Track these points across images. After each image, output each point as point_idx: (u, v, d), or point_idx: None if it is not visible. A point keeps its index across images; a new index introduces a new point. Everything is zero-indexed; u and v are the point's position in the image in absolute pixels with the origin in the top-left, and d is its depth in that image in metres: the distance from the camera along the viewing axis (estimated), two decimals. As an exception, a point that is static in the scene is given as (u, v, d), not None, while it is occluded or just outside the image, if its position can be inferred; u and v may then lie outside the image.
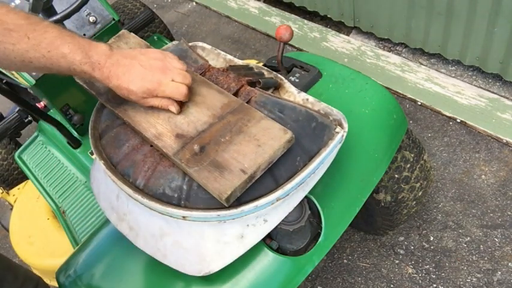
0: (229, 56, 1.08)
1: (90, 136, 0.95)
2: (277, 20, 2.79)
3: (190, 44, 1.12)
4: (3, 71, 1.52)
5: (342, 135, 0.86)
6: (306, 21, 2.71)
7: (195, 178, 0.80)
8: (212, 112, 0.89)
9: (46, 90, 1.44)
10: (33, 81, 1.35)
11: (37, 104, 1.68)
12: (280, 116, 0.89)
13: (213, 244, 0.83)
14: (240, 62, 1.06)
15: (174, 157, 0.82)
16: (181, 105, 0.91)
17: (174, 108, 0.87)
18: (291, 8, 2.82)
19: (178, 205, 0.81)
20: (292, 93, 0.98)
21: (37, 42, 0.75)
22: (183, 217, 0.80)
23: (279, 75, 1.01)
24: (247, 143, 0.82)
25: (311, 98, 0.94)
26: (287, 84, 0.99)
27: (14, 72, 1.40)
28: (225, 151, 0.81)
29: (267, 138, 0.81)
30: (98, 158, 0.90)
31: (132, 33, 1.11)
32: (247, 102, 0.93)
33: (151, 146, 0.89)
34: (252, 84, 0.97)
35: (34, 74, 1.36)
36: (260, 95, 0.94)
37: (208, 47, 1.12)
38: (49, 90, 1.45)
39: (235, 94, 0.95)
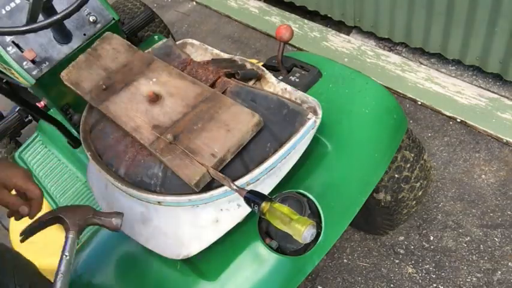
0: (216, 51, 1.13)
1: (80, 130, 1.01)
2: (277, 20, 2.79)
3: (180, 41, 1.18)
4: (3, 70, 1.52)
5: (315, 121, 0.88)
6: (306, 20, 2.71)
7: (169, 166, 0.84)
8: (186, 102, 0.93)
9: (46, 89, 1.44)
10: (33, 81, 1.35)
11: (37, 104, 1.68)
12: (252, 105, 0.93)
13: (189, 228, 0.86)
14: (225, 56, 1.10)
15: (150, 147, 0.88)
16: (158, 98, 0.95)
17: (24, 209, 0.83)
18: (291, 8, 2.81)
19: (154, 191, 0.86)
20: (272, 84, 1.01)
21: None
22: (158, 202, 0.84)
23: (261, 67, 1.04)
24: (217, 128, 0.86)
25: (289, 87, 0.97)
26: (268, 75, 1.03)
27: (14, 72, 1.39)
28: (197, 138, 0.86)
29: (235, 123, 0.86)
30: (86, 150, 0.96)
31: (115, 35, 1.15)
32: (223, 92, 0.97)
33: (133, 137, 0.93)
34: (230, 75, 1.01)
35: (34, 73, 1.36)
36: (235, 86, 0.97)
37: (197, 43, 1.17)
38: (49, 90, 1.45)
39: (213, 85, 0.99)
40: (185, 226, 0.86)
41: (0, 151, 2.13)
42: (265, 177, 0.84)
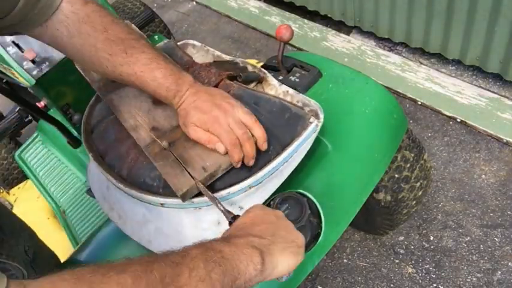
0: (217, 53, 1.12)
1: (82, 130, 1.01)
2: (277, 20, 2.79)
3: (182, 42, 1.17)
4: (3, 70, 1.52)
5: (316, 125, 0.88)
6: (306, 20, 2.71)
7: (160, 171, 0.84)
8: None
9: (46, 89, 1.44)
10: (33, 81, 1.35)
11: (37, 104, 1.68)
12: (255, 108, 0.92)
13: (191, 230, 0.85)
14: (227, 58, 1.10)
15: (145, 150, 0.88)
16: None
17: (220, 147, 0.80)
18: (291, 8, 2.81)
19: (156, 193, 0.85)
20: (274, 86, 1.01)
21: (133, 59, 0.78)
22: (161, 204, 0.84)
23: (262, 70, 1.03)
24: None
25: (291, 90, 0.97)
26: (269, 78, 1.02)
27: (14, 72, 1.39)
28: (192, 148, 0.85)
29: None
30: (87, 151, 0.95)
31: None
32: None
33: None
34: (232, 78, 1.00)
35: (34, 73, 1.36)
36: (238, 88, 0.97)
37: (198, 44, 1.17)
38: (49, 90, 1.45)
39: (215, 87, 0.98)
40: (187, 228, 0.86)
41: (0, 151, 2.13)
42: (267, 180, 0.84)
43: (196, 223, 0.85)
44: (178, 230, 0.86)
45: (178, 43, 1.18)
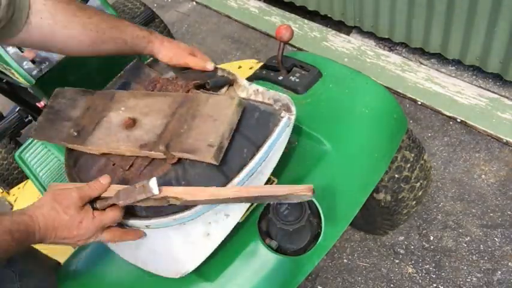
0: None
1: (64, 165, 1.00)
2: (277, 20, 2.79)
3: (149, 60, 1.15)
4: (3, 70, 1.52)
5: (289, 118, 0.87)
6: (306, 20, 2.71)
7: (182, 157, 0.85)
8: (163, 114, 0.93)
9: (46, 89, 1.44)
10: (33, 81, 1.35)
11: (37, 104, 1.68)
12: None
13: (181, 246, 0.85)
14: None
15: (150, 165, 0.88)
16: (134, 122, 0.94)
17: (210, 63, 1.01)
18: (291, 8, 2.82)
19: (140, 216, 0.85)
20: (244, 87, 0.99)
21: (105, 16, 0.94)
22: (146, 226, 0.84)
23: (231, 72, 1.01)
24: (204, 123, 0.86)
25: (261, 88, 0.96)
26: (239, 79, 1.01)
27: (14, 72, 1.40)
28: (189, 138, 0.85)
29: (219, 111, 0.86)
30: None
31: (65, 88, 1.13)
32: None
33: (114, 164, 0.92)
34: (200, 86, 0.99)
35: (34, 73, 1.36)
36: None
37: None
38: (49, 90, 1.45)
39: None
40: (178, 245, 0.85)
41: (0, 151, 2.13)
42: (248, 182, 0.84)
43: (185, 238, 0.85)
44: (169, 247, 0.86)
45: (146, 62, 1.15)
